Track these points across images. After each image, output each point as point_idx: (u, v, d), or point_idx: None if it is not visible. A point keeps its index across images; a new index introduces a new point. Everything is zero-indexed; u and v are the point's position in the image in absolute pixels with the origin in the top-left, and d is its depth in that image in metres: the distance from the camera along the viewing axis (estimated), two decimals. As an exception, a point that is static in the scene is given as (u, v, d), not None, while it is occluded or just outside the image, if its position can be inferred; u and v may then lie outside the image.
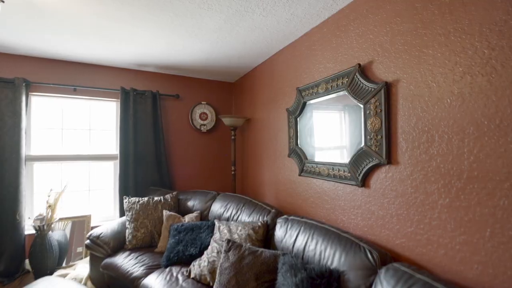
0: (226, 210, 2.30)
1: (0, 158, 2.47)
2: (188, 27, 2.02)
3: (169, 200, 2.57)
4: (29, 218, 2.67)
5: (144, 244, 2.28)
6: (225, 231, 1.95)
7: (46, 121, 2.82)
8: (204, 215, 2.49)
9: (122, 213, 2.89)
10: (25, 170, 2.59)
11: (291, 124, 2.25)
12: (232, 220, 2.21)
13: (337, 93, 1.75)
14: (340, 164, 1.72)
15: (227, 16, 1.87)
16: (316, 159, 1.98)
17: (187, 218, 2.40)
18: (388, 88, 1.42)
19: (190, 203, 2.62)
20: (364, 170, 1.52)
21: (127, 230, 2.31)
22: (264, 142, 2.81)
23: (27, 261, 2.62)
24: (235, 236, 1.87)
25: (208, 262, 1.79)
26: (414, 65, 1.31)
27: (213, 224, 2.19)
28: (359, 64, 1.57)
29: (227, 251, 1.67)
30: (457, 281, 1.12)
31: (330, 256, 1.41)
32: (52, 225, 2.54)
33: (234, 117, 2.98)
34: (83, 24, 1.99)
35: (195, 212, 2.51)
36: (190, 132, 3.42)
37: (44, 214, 2.51)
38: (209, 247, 1.92)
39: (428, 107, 1.25)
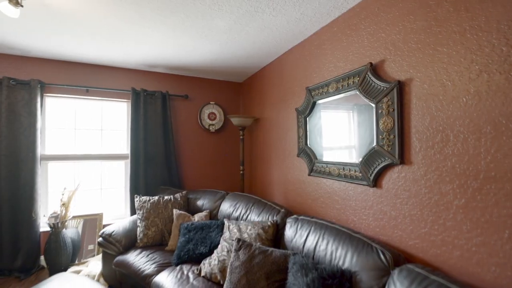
0: (235, 210, 2.32)
1: (17, 158, 2.55)
2: (199, 28, 2.04)
3: (179, 199, 2.60)
4: (44, 215, 2.74)
5: (155, 242, 2.32)
6: (235, 230, 1.96)
7: (60, 121, 2.89)
8: (213, 214, 2.51)
9: (133, 212, 2.94)
10: (40, 169, 2.66)
11: (300, 124, 2.25)
12: (241, 219, 2.22)
13: (347, 93, 1.73)
14: (351, 164, 1.70)
15: (237, 17, 1.88)
16: (326, 159, 1.97)
17: (197, 217, 2.42)
18: (401, 87, 1.41)
19: (199, 202, 2.64)
20: (376, 170, 1.50)
21: (138, 228, 2.35)
22: (272, 142, 2.81)
23: (42, 257, 2.70)
24: (245, 235, 1.88)
25: (219, 261, 1.80)
26: (428, 63, 1.29)
27: (223, 223, 2.20)
28: (371, 63, 1.56)
29: (237, 250, 1.68)
30: (473, 283, 1.10)
31: (342, 256, 1.40)
32: (66, 223, 2.61)
33: (243, 117, 3.00)
34: (96, 27, 2.04)
35: (205, 211, 2.53)
36: (199, 132, 3.45)
37: (58, 212, 2.57)
38: (219, 246, 1.94)
39: (442, 106, 1.23)
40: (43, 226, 2.72)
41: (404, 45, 1.41)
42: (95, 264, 2.56)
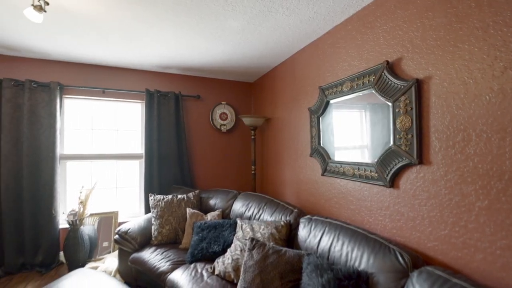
0: (248, 209, 2.32)
1: (38, 157, 2.66)
2: (212, 29, 2.07)
3: (192, 198, 2.63)
4: (63, 213, 2.84)
5: (169, 240, 2.36)
6: (248, 229, 1.97)
7: (78, 122, 2.99)
8: (225, 214, 2.53)
9: (147, 210, 3.00)
10: (59, 168, 2.76)
11: (313, 124, 2.23)
12: (253, 219, 2.23)
13: (362, 92, 1.71)
14: (367, 164, 1.68)
15: (250, 17, 1.89)
16: (340, 159, 1.95)
17: (210, 216, 2.45)
18: (419, 85, 1.38)
19: (212, 202, 2.67)
20: (393, 170, 1.47)
21: (152, 227, 2.40)
22: (284, 142, 2.80)
23: (61, 253, 2.80)
24: (258, 235, 1.88)
25: (232, 259, 1.82)
26: (448, 61, 1.26)
27: (235, 223, 2.21)
28: (387, 61, 1.53)
29: (251, 250, 1.69)
30: (498, 288, 1.06)
31: (358, 257, 1.38)
32: (83, 220, 2.69)
33: (254, 117, 3.00)
34: (113, 30, 2.09)
35: (217, 210, 2.55)
36: (210, 132, 3.49)
37: (77, 210, 2.66)
38: (232, 245, 1.95)
39: (464, 105, 1.20)
40: (62, 223, 2.82)
41: (422, 42, 1.38)
42: (111, 261, 2.63)
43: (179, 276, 1.84)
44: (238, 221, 2.10)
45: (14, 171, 2.58)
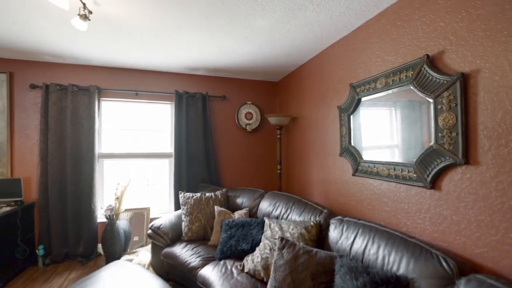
0: (275, 209, 2.32)
1: (79, 156, 2.87)
2: (241, 29, 2.09)
3: (219, 196, 2.69)
4: (101, 208, 3.04)
5: (199, 237, 2.43)
6: (276, 229, 1.97)
7: (112, 122, 3.17)
8: (252, 212, 2.55)
9: (177, 207, 3.11)
10: (97, 166, 2.96)
11: (343, 122, 2.17)
12: (281, 218, 2.22)
13: (399, 88, 1.63)
14: (404, 164, 1.60)
15: (279, 15, 1.88)
16: (373, 159, 1.87)
17: (237, 215, 2.48)
18: (465, 80, 1.28)
19: (239, 200, 2.70)
20: (435, 170, 1.39)
21: (183, 223, 2.48)
22: (311, 141, 2.76)
23: (99, 245, 2.99)
24: (287, 234, 1.87)
25: (261, 258, 1.82)
26: (500, 52, 1.16)
27: (263, 222, 2.22)
28: (427, 55, 1.44)
29: (281, 249, 1.68)
30: (562, 301, 0.96)
31: (396, 261, 1.32)
32: (119, 215, 2.86)
33: (280, 116, 2.99)
34: (149, 35, 2.19)
35: (244, 209, 2.58)
36: (236, 132, 3.53)
37: (113, 205, 2.83)
38: (261, 243, 1.96)
39: (519, 99, 1.09)
40: (100, 217, 3.02)
41: (468, 33, 1.28)
42: (144, 254, 2.76)
43: (210, 272, 1.88)
44: (266, 220, 2.11)
45: (59, 168, 2.80)
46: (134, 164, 3.25)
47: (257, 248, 1.96)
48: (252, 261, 1.86)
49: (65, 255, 2.84)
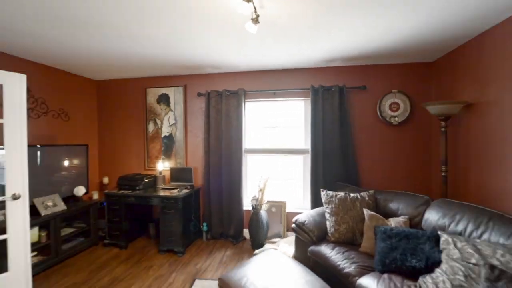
0: (455, 222, 1.79)
1: (230, 150, 3.32)
2: (409, -2, 1.70)
3: (367, 198, 2.39)
4: (247, 197, 3.42)
5: (346, 240, 2.24)
6: (470, 250, 1.48)
7: (253, 121, 3.49)
8: (414, 222, 2.10)
9: (313, 204, 3.06)
10: (244, 159, 3.33)
11: None
12: (468, 236, 1.68)
13: None
14: None
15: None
16: None
17: (393, 222, 2.11)
18: None
19: (392, 206, 2.30)
20: None
21: (327, 222, 2.36)
22: (504, 134, 1.97)
23: (245, 230, 3.37)
24: (495, 261, 1.36)
25: (452, 284, 1.41)
26: None
27: (436, 236, 1.76)
28: None
29: (493, 281, 1.23)
30: None
31: None
32: (262, 206, 3.10)
33: (446, 103, 2.32)
34: (295, 33, 2.17)
35: (401, 216, 2.17)
36: (377, 125, 3.09)
37: (257, 196, 3.10)
38: (443, 264, 1.54)
39: None
40: (246, 205, 3.39)
41: None
42: (284, 246, 2.86)
43: (373, 285, 1.65)
44: (445, 236, 1.65)
45: (217, 160, 3.36)
46: (271, 160, 3.45)
47: (437, 270, 1.56)
48: (435, 285, 1.48)
49: (220, 234, 3.38)
